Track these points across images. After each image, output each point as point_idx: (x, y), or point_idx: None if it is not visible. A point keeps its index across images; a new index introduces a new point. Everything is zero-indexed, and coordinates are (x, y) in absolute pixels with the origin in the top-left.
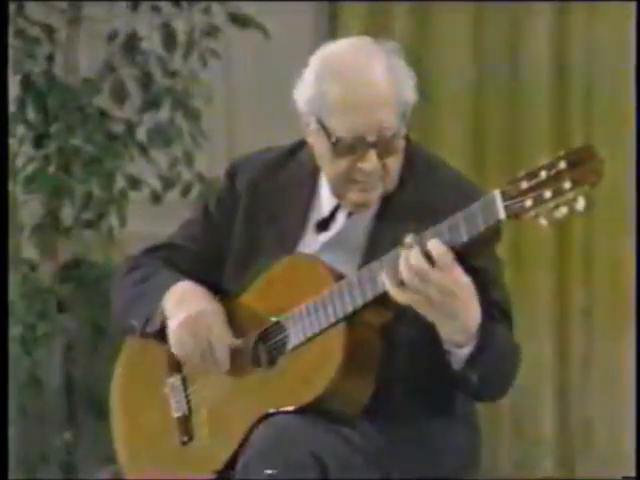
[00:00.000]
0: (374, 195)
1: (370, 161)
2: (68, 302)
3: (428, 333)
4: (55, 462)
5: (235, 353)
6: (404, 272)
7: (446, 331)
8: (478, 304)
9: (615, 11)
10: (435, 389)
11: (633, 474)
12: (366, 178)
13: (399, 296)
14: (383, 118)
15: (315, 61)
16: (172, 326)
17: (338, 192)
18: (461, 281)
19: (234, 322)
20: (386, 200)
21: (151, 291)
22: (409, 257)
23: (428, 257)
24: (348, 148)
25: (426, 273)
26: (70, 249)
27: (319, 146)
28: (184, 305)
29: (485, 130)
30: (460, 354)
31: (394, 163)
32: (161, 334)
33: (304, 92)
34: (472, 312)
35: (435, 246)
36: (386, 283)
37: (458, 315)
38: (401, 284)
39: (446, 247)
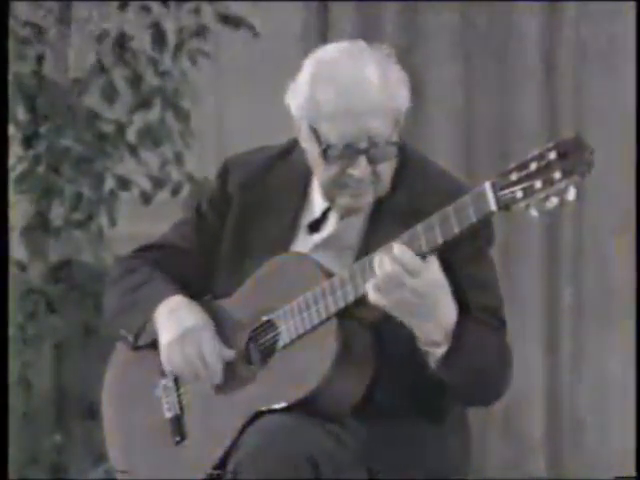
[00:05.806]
0: (365, 200)
1: (360, 167)
2: (58, 303)
3: None
4: (45, 463)
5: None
6: (379, 277)
7: (421, 331)
8: (453, 302)
9: (605, 8)
10: (425, 388)
11: (624, 474)
12: (356, 184)
13: (378, 300)
14: (375, 125)
15: (308, 66)
16: (163, 343)
17: (329, 196)
18: (434, 282)
19: (226, 322)
20: (380, 202)
21: (143, 301)
22: (383, 262)
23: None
24: (338, 154)
25: (399, 278)
26: (60, 249)
27: (310, 150)
28: (174, 321)
29: (474, 129)
30: (436, 353)
31: (385, 169)
32: (153, 345)
33: (296, 97)
34: (446, 311)
35: (401, 252)
36: (367, 287)
37: (432, 315)
38: (379, 289)
39: (411, 251)
